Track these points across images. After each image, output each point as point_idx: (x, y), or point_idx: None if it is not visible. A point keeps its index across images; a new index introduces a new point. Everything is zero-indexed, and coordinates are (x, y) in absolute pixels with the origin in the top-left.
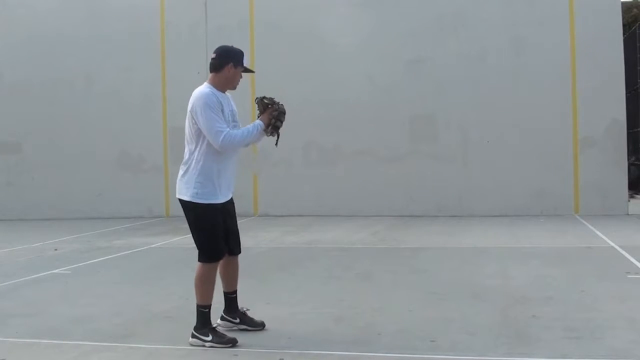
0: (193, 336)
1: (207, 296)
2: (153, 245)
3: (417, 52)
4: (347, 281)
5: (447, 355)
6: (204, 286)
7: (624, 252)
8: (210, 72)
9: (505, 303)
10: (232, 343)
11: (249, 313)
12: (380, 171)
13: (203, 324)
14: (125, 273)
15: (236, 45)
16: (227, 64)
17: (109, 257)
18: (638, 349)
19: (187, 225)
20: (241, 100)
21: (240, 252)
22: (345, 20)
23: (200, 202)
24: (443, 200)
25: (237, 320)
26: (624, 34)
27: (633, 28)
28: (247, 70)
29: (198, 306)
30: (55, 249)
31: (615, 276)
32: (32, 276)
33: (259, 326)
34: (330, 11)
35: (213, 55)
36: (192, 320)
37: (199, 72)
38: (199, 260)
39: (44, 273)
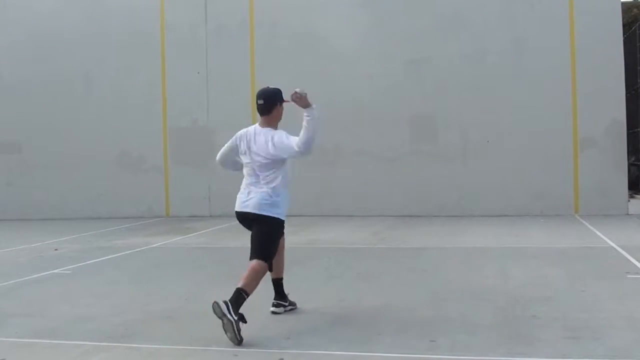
0: (226, 304)
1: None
2: (153, 245)
3: (417, 52)
4: (347, 281)
5: (447, 355)
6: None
7: (624, 252)
8: (261, 115)
9: (505, 303)
10: (240, 341)
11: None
12: (380, 171)
13: (239, 306)
14: (125, 273)
15: (236, 46)
16: (275, 105)
17: (109, 257)
18: (638, 349)
19: (187, 225)
20: (241, 100)
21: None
22: (345, 20)
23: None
24: (443, 200)
25: (287, 303)
26: (624, 34)
27: (633, 28)
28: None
29: (244, 292)
30: (56, 249)
31: (615, 276)
32: (32, 276)
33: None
34: (330, 11)
35: (260, 101)
36: (192, 320)
37: (199, 72)
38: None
39: (44, 273)
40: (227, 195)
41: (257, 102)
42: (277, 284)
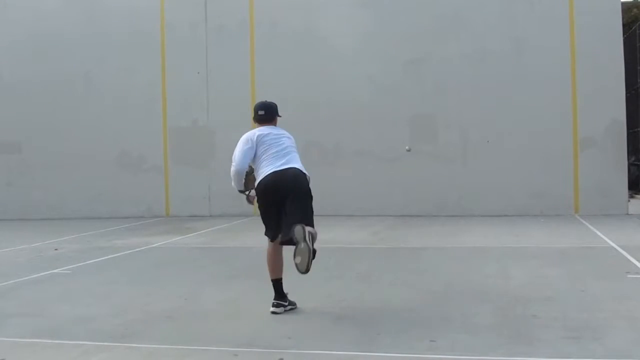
0: (309, 233)
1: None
2: (153, 245)
3: (417, 52)
4: (347, 281)
5: (447, 355)
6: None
7: (624, 252)
8: (261, 124)
9: (505, 303)
10: (307, 271)
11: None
12: (380, 171)
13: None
14: (125, 273)
15: (236, 46)
16: (274, 117)
17: (109, 257)
18: (638, 349)
19: (188, 225)
20: (241, 100)
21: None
22: (345, 20)
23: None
24: (443, 200)
25: (287, 303)
26: (624, 34)
27: (633, 28)
28: None
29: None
30: (55, 249)
31: (615, 276)
32: (32, 276)
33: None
34: (330, 11)
35: (262, 112)
36: (192, 320)
37: (199, 72)
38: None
39: (44, 273)
40: (227, 195)
41: (257, 112)
42: (277, 283)
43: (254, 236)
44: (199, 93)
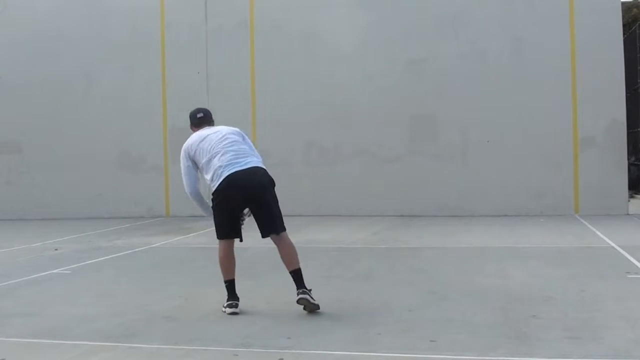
0: (309, 294)
1: None
2: (153, 245)
3: (417, 52)
4: (347, 281)
5: (447, 355)
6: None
7: (624, 252)
8: (203, 125)
9: (505, 303)
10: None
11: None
12: (380, 171)
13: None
14: (125, 273)
15: (236, 46)
16: (211, 119)
17: (110, 257)
18: (638, 349)
19: (188, 225)
20: (241, 100)
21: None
22: (345, 20)
23: None
24: (443, 200)
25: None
26: (624, 34)
27: (633, 28)
28: None
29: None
30: (56, 249)
31: (615, 276)
32: (32, 276)
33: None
34: (330, 11)
35: (200, 115)
36: (192, 320)
37: (199, 72)
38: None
39: (44, 273)
40: None
41: (195, 116)
42: (232, 284)
43: (253, 236)
44: (199, 93)
